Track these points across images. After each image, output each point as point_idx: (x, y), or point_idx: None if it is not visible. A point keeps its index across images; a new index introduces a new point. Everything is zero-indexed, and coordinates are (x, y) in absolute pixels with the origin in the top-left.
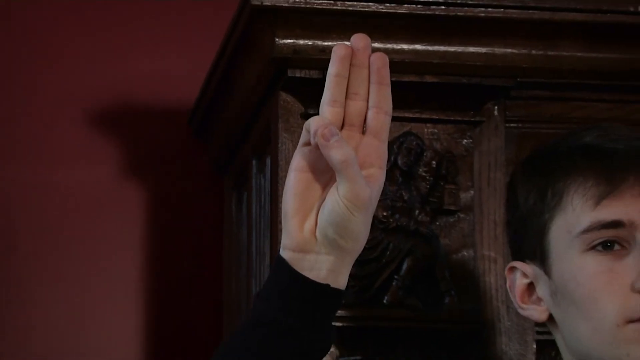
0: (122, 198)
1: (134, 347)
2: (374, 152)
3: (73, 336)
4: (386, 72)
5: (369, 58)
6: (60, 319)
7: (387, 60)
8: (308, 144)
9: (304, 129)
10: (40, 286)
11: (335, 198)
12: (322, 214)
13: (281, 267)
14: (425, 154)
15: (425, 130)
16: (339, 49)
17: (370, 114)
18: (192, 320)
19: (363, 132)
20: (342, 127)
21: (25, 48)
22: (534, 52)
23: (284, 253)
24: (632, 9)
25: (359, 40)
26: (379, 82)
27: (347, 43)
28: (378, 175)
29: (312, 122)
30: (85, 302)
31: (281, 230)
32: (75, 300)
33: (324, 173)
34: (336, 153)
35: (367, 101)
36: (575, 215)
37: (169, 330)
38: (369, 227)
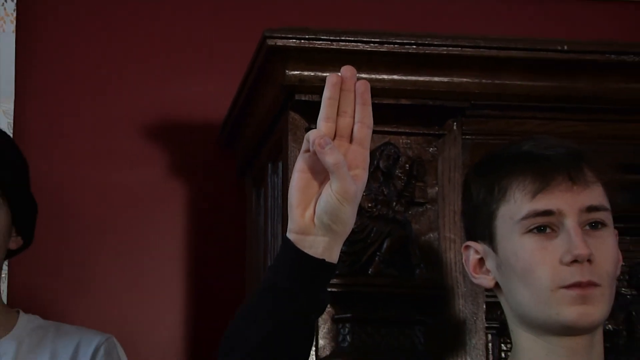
0: (167, 194)
1: (176, 305)
2: (359, 157)
3: (130, 297)
4: (368, 95)
5: (355, 84)
6: (119, 285)
7: (369, 86)
8: (308, 151)
9: (304, 139)
10: (103, 261)
11: (329, 192)
12: (319, 205)
13: (287, 246)
14: (400, 159)
15: (401, 141)
16: (331, 77)
17: (355, 127)
18: (221, 286)
19: (350, 142)
20: (334, 138)
21: (92, 77)
22: (484, 81)
23: (290, 235)
24: (559, 47)
25: (347, 71)
26: (362, 103)
27: (338, 73)
28: (362, 175)
29: (311, 134)
30: (137, 272)
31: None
32: (130, 271)
33: (320, 173)
34: (329, 158)
35: (353, 117)
36: (516, 205)
37: (203, 294)
38: (355, 215)
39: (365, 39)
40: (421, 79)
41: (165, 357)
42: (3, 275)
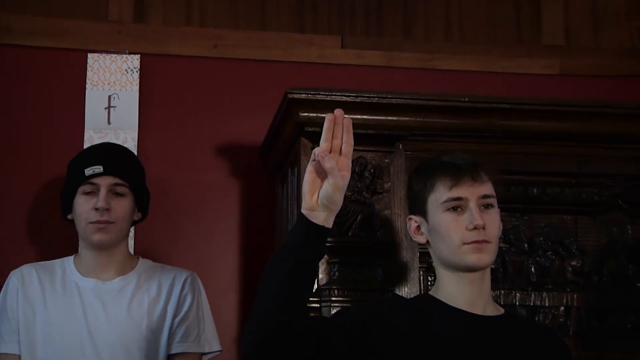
0: (226, 188)
1: (232, 256)
2: (345, 164)
3: (203, 250)
4: (350, 126)
5: (343, 120)
6: (198, 242)
7: (351, 121)
8: (314, 160)
9: (312, 153)
10: (189, 228)
11: (327, 185)
12: (321, 193)
13: (301, 218)
14: (368, 166)
15: (368, 155)
16: (328, 116)
17: (343, 146)
18: (259, 245)
19: (340, 154)
20: (330, 152)
21: (184, 116)
22: (418, 119)
23: (303, 211)
24: (463, 99)
25: (338, 111)
26: (347, 131)
27: (332, 114)
28: (347, 175)
29: (316, 150)
30: (208, 236)
31: (301, 203)
32: (204, 235)
33: (321, 173)
34: (327, 164)
35: (342, 139)
36: (440, 194)
37: (247, 250)
38: (342, 200)
39: (347, 94)
40: (380, 118)
41: (226, 287)
42: (131, 235)
